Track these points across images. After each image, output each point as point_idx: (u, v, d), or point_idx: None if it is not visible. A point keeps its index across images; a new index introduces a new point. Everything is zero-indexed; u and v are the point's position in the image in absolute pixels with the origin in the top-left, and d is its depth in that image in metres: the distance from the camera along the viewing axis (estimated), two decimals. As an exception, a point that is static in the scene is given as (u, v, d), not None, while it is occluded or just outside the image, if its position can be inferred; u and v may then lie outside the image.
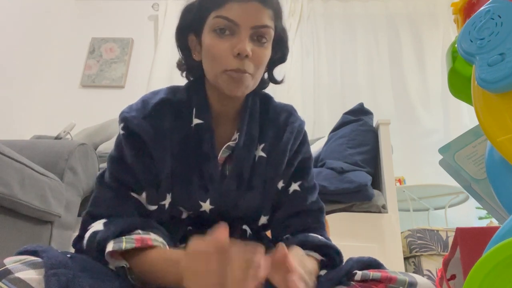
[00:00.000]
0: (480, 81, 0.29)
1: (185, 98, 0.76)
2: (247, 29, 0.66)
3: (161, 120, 0.72)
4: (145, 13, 3.29)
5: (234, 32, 0.67)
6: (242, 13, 0.66)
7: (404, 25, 3.03)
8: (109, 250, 0.61)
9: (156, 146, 0.70)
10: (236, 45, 0.66)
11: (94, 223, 0.67)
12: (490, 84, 0.28)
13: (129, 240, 0.62)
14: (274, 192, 0.78)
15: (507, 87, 0.28)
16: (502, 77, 0.27)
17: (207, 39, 0.69)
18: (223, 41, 0.67)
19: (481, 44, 0.29)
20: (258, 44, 0.68)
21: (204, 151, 0.72)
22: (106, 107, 2.79)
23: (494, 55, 0.28)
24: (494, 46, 0.28)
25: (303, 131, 0.82)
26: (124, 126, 0.71)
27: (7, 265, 0.50)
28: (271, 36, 0.70)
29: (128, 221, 0.66)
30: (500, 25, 0.28)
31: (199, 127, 0.73)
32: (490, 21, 0.29)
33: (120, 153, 0.71)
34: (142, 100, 0.74)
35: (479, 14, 0.31)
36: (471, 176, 0.41)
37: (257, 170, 0.75)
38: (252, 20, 0.66)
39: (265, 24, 0.67)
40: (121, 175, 0.70)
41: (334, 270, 0.67)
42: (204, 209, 0.74)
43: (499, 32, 0.28)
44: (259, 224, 0.79)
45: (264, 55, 0.69)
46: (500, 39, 0.28)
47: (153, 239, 0.64)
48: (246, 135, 0.75)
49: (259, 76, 0.71)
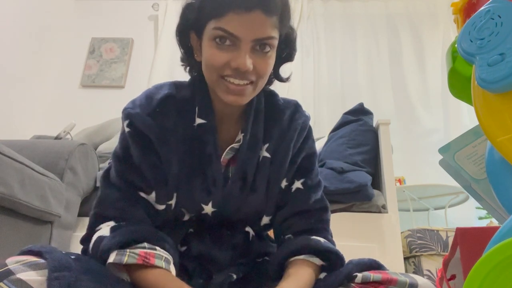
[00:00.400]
0: (480, 81, 0.29)
1: (188, 96, 0.73)
2: (248, 42, 0.62)
3: (166, 117, 0.70)
4: (145, 13, 3.29)
5: (235, 44, 0.63)
6: (243, 26, 0.61)
7: (404, 25, 3.03)
8: (110, 262, 0.60)
9: (162, 145, 0.69)
10: (235, 59, 0.62)
11: (102, 224, 0.66)
12: (490, 84, 0.28)
13: (132, 254, 0.61)
14: (278, 191, 0.76)
15: (507, 87, 0.28)
16: (502, 77, 0.27)
17: (207, 47, 0.65)
18: (223, 52, 0.63)
19: (481, 44, 0.29)
20: (260, 54, 0.65)
21: (207, 152, 0.70)
22: (106, 107, 2.79)
23: (494, 55, 0.28)
24: (494, 46, 0.28)
25: (308, 127, 0.79)
26: (129, 123, 0.68)
27: (8, 265, 0.50)
28: (275, 44, 0.67)
29: (135, 231, 0.64)
30: (500, 25, 0.28)
31: (202, 127, 0.71)
32: (490, 21, 0.29)
33: (126, 152, 0.69)
34: (146, 95, 0.72)
35: (479, 14, 0.31)
36: (471, 176, 0.41)
37: (261, 172, 0.74)
38: (254, 33, 0.62)
39: (268, 36, 0.63)
40: (128, 175, 0.69)
41: (334, 273, 0.67)
42: (206, 211, 0.73)
43: (499, 32, 0.28)
44: (261, 224, 0.78)
45: (267, 64, 0.66)
46: (500, 39, 0.28)
47: (157, 255, 0.62)
48: (251, 137, 0.73)
49: (262, 83, 0.68)
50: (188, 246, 0.74)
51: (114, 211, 0.67)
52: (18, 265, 0.51)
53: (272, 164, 0.75)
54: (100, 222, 0.67)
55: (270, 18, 0.63)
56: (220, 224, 0.76)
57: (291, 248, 0.70)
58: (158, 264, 0.61)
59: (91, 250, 0.64)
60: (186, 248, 0.74)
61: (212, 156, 0.70)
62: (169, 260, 0.64)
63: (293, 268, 0.67)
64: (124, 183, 0.69)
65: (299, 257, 0.69)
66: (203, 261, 0.72)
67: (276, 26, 0.65)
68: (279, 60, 0.75)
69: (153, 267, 0.61)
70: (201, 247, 0.73)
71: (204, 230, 0.75)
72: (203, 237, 0.74)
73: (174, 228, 0.74)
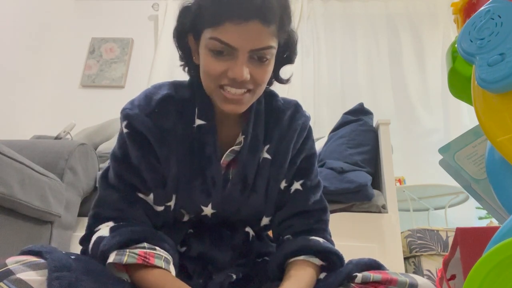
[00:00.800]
0: (480, 81, 0.29)
1: (187, 96, 0.72)
2: (245, 52, 0.61)
3: (165, 118, 0.69)
4: (145, 13, 3.29)
5: (232, 54, 0.61)
6: (240, 36, 0.59)
7: (404, 25, 3.03)
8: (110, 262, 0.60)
9: (161, 146, 0.68)
10: (232, 69, 0.61)
11: (101, 225, 0.66)
12: (490, 84, 0.28)
13: (132, 254, 0.61)
14: (277, 192, 0.76)
15: (507, 87, 0.28)
16: (502, 77, 0.27)
17: (203, 55, 0.64)
18: (220, 62, 0.62)
19: (481, 44, 0.29)
20: (258, 63, 0.63)
21: (206, 153, 0.70)
22: (106, 107, 2.79)
23: (494, 55, 0.28)
24: (494, 46, 0.29)
25: (308, 127, 0.79)
26: (128, 124, 0.68)
27: (8, 265, 0.50)
28: (274, 53, 0.65)
29: (135, 231, 0.64)
30: (500, 25, 0.29)
31: (201, 128, 0.70)
32: (490, 21, 0.29)
33: (125, 153, 0.69)
34: (145, 96, 0.71)
35: (479, 14, 0.31)
36: (471, 176, 0.41)
37: (261, 173, 0.74)
38: (251, 44, 0.60)
39: (266, 46, 0.62)
40: (127, 176, 0.68)
41: (334, 273, 0.67)
42: (205, 213, 0.73)
43: (499, 32, 0.29)
44: (261, 225, 0.78)
45: (265, 72, 0.65)
46: (500, 39, 0.28)
47: (156, 255, 0.62)
48: (252, 139, 0.72)
49: (260, 91, 0.68)
50: (187, 247, 0.74)
51: (113, 212, 0.67)
52: (18, 265, 0.51)
53: (272, 165, 0.74)
54: (100, 223, 0.67)
55: (268, 28, 0.61)
56: (219, 224, 0.76)
57: (290, 248, 0.70)
58: (157, 264, 0.61)
59: (91, 251, 0.64)
60: (186, 248, 0.74)
61: (211, 157, 0.70)
62: (168, 260, 0.64)
63: (294, 269, 0.67)
64: (122, 184, 0.68)
65: (299, 258, 0.69)
66: (202, 262, 0.72)
67: (274, 35, 0.63)
68: (279, 62, 0.74)
69: (153, 267, 0.61)
70: (201, 248, 0.73)
71: (203, 230, 0.75)
72: (202, 237, 0.74)
73: (173, 229, 0.74)
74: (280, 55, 0.72)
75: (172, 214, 0.72)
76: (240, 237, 0.76)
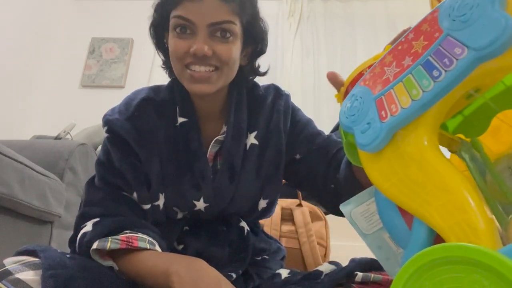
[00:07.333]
0: (359, 145, 0.39)
1: (168, 97, 0.75)
2: (204, 27, 0.64)
3: (144, 120, 0.72)
4: (145, 13, 3.26)
5: (193, 31, 0.65)
6: (198, 11, 0.63)
7: (404, 25, 3.00)
8: (94, 249, 0.60)
9: (141, 147, 0.70)
10: (193, 45, 0.64)
11: (87, 222, 0.67)
12: (365, 147, 0.39)
13: (114, 240, 0.62)
14: (280, 173, 0.77)
15: (377, 147, 0.38)
16: (372, 140, 0.38)
17: (170, 38, 0.69)
18: (183, 40, 0.66)
19: (354, 119, 0.40)
20: (221, 40, 0.66)
21: (192, 149, 0.72)
22: (106, 107, 2.72)
23: (364, 125, 0.39)
24: (362, 119, 0.40)
25: (290, 104, 0.80)
26: (108, 129, 0.71)
27: (7, 266, 0.50)
28: (236, 30, 0.67)
29: (117, 221, 0.65)
30: (363, 103, 0.40)
31: (184, 126, 0.72)
32: (356, 101, 0.41)
33: (107, 157, 0.71)
34: (125, 102, 0.74)
35: (349, 97, 0.43)
36: (361, 231, 0.49)
37: (249, 159, 0.74)
38: (208, 18, 0.64)
39: (223, 19, 0.64)
40: (110, 178, 0.70)
41: (336, 270, 0.67)
42: (198, 208, 0.73)
43: (362, 108, 0.40)
44: (259, 209, 0.78)
45: (228, 49, 0.66)
46: (364, 113, 0.40)
47: (139, 238, 0.63)
48: (234, 127, 0.74)
49: (229, 70, 0.69)
50: (184, 245, 0.74)
51: (98, 209, 0.68)
52: (16, 265, 0.51)
53: (261, 149, 0.75)
54: (86, 221, 0.67)
55: (228, 4, 0.64)
56: (214, 220, 0.76)
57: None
58: (142, 245, 0.62)
59: (78, 248, 0.64)
60: (183, 246, 0.74)
61: (197, 152, 0.71)
62: (153, 243, 0.64)
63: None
64: (107, 185, 0.70)
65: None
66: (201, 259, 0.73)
67: (235, 12, 0.66)
68: (253, 53, 0.76)
69: (138, 250, 0.62)
70: (198, 245, 0.73)
71: (199, 227, 0.76)
72: (199, 234, 0.75)
73: (169, 227, 0.74)
74: (252, 46, 0.74)
75: (164, 213, 0.73)
76: (236, 232, 0.77)
